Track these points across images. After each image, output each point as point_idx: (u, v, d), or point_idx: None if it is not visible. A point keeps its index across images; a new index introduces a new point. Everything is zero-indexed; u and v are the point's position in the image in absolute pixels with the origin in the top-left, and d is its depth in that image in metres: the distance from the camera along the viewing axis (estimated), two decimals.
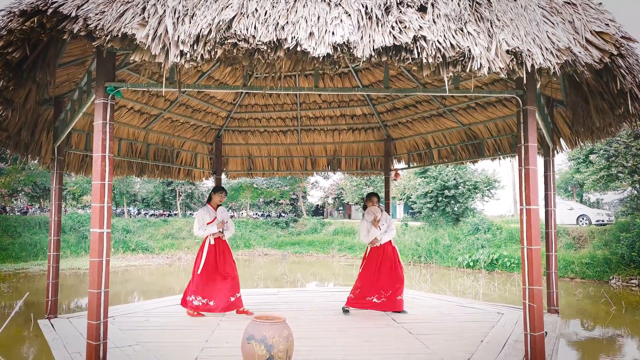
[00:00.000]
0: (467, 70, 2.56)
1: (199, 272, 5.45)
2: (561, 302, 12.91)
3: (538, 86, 2.89)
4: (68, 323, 4.92)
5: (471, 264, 19.58)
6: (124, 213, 32.84)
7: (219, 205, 5.77)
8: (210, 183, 31.92)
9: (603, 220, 20.49)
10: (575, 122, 4.50)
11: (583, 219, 21.10)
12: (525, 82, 2.91)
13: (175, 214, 34.60)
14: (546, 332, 4.51)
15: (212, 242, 5.54)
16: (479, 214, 23.99)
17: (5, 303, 12.02)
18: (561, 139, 5.77)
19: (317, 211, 39.30)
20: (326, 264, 23.13)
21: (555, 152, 5.70)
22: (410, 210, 32.62)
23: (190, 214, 35.97)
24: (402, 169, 7.97)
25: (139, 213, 35.53)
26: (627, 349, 8.55)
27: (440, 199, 23.74)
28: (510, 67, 2.56)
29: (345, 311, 5.66)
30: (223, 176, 8.24)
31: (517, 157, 6.53)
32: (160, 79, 4.24)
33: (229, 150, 8.12)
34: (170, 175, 7.51)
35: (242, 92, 7.20)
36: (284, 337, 3.15)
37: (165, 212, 35.42)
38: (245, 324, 3.37)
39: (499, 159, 6.65)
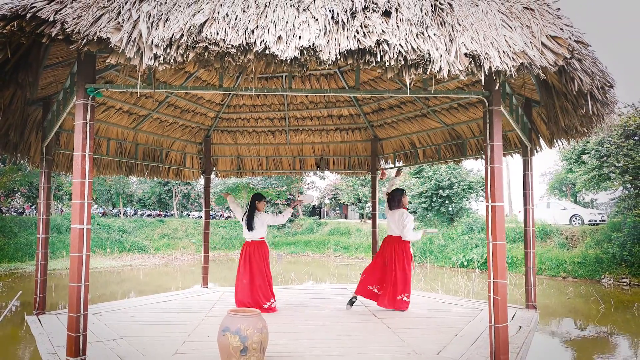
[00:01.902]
0: (428, 72, 2.68)
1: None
2: (552, 301, 13.09)
3: (497, 87, 3.00)
4: (55, 319, 5.02)
5: (465, 263, 19.72)
6: (120, 213, 32.90)
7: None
8: (201, 182, 31.98)
9: (596, 220, 20.65)
10: (549, 122, 4.63)
11: (576, 218, 21.26)
12: (484, 84, 3.03)
13: (172, 215, 34.68)
14: (520, 327, 4.64)
15: None
16: (473, 214, 24.13)
17: (1, 303, 12.11)
18: (540, 139, 5.89)
19: (314, 211, 39.41)
20: (322, 264, 23.24)
21: (535, 151, 5.82)
22: None
23: (187, 214, 36.06)
24: (388, 168, 8.10)
25: (135, 213, 35.59)
26: (612, 345, 8.69)
27: (434, 199, 23.88)
28: (469, 69, 2.69)
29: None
30: (213, 176, 8.36)
31: (506, 156, 6.73)
32: (142, 79, 4.34)
33: (218, 150, 8.23)
34: (159, 174, 7.62)
35: (230, 93, 7.32)
36: (258, 329, 3.27)
37: (161, 213, 35.47)
38: None
39: (482, 158, 6.78)
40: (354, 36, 2.71)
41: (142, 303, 6.24)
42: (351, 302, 5.81)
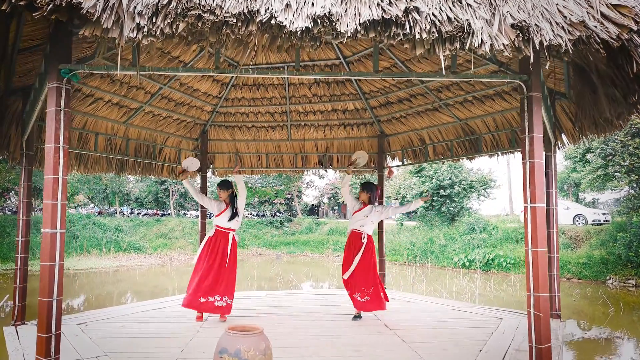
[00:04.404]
0: (467, 47, 2.23)
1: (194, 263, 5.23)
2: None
3: (548, 65, 2.57)
4: (35, 330, 4.55)
5: (467, 264, 19.32)
6: (116, 212, 32.36)
7: (233, 202, 5.38)
8: (198, 181, 31.44)
9: (599, 220, 20.29)
10: (581, 115, 4.19)
11: (579, 218, 20.88)
12: (531, 63, 2.58)
13: (169, 214, 34.14)
14: None
15: (211, 234, 5.25)
16: (474, 214, 23.75)
17: None
18: (562, 134, 5.46)
19: (312, 211, 38.95)
20: (321, 264, 22.81)
21: (557, 147, 5.40)
22: None
23: (184, 213, 35.55)
24: (396, 166, 7.64)
25: (131, 212, 35.06)
26: (628, 351, 8.29)
27: (435, 198, 23.48)
28: (516, 44, 2.24)
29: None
30: (209, 174, 7.89)
31: (515, 154, 6.29)
32: (125, 61, 3.86)
33: (216, 146, 7.76)
34: (152, 172, 7.15)
35: (227, 85, 6.85)
36: (261, 350, 2.81)
37: (158, 212, 34.94)
38: None
39: (497, 155, 6.34)
40: (378, 4, 2.26)
41: (133, 311, 5.77)
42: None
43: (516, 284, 15.31)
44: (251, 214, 35.26)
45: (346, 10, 2.27)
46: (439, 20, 2.23)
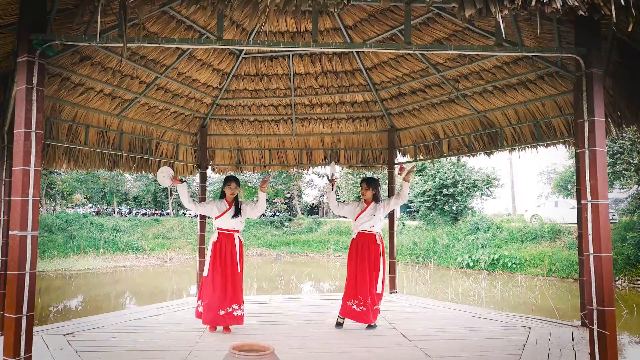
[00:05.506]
0: (532, 4, 1.79)
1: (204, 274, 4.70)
2: (568, 305, 12.26)
3: (631, 27, 2.12)
4: None
5: (471, 264, 18.91)
6: (114, 212, 31.90)
7: (236, 200, 4.86)
8: (197, 180, 31.01)
9: None
10: (621, 102, 3.75)
11: None
12: (578, 38, 2.13)
13: (168, 213, 33.68)
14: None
15: (215, 239, 4.72)
16: (478, 213, 23.33)
17: None
18: None
19: (313, 210, 38.53)
20: (321, 264, 22.40)
21: None
22: (408, 209, 32.00)
23: (182, 213, 35.11)
24: (407, 162, 7.19)
25: (130, 212, 34.59)
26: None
27: (438, 197, 23.08)
28: None
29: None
30: (209, 171, 7.44)
31: (537, 147, 5.85)
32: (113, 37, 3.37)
33: (216, 141, 7.30)
34: (148, 169, 6.67)
35: (228, 75, 6.40)
36: None
37: (157, 212, 34.47)
38: (233, 340, 2.59)
39: (518, 150, 5.90)
40: None
41: (127, 318, 5.31)
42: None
43: (523, 284, 14.93)
44: None
45: None
46: None
